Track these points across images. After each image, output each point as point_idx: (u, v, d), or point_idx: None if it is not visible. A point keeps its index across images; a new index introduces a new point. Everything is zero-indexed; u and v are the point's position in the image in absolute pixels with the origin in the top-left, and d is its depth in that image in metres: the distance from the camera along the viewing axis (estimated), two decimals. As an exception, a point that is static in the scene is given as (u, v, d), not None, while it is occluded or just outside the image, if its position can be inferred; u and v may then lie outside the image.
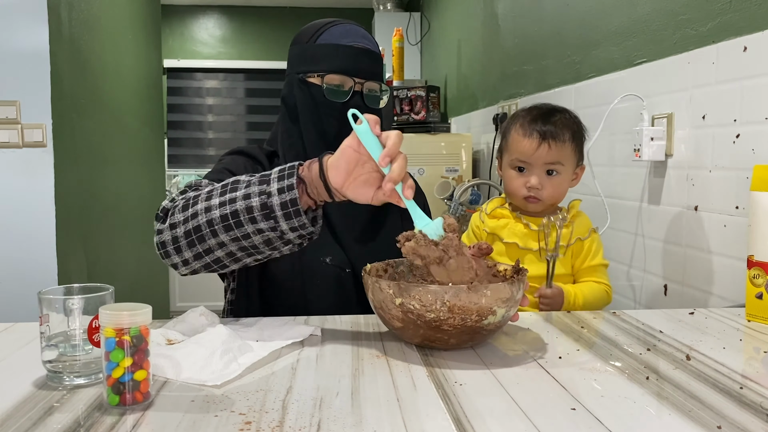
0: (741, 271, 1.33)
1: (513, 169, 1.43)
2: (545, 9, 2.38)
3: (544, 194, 1.40)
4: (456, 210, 2.63)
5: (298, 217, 0.95)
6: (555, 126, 1.39)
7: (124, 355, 0.71)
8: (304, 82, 1.26)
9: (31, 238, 2.27)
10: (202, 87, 5.87)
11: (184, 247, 1.01)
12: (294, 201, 0.94)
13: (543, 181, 1.39)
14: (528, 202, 1.42)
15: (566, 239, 1.40)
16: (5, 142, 2.25)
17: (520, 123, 1.42)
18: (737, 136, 1.34)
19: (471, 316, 0.86)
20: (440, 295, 0.85)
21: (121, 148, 3.29)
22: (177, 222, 1.01)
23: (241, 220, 0.96)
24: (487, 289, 0.87)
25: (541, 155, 1.38)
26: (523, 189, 1.40)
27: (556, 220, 1.36)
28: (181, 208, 1.02)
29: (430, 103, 3.25)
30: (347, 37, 1.27)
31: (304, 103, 1.26)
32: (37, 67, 2.25)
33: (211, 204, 0.99)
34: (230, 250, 1.00)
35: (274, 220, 0.95)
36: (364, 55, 1.26)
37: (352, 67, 1.24)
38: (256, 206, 0.95)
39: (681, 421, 0.69)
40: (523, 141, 1.40)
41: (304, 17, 5.82)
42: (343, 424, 0.67)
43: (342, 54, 1.24)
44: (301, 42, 1.30)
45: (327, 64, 1.24)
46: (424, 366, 0.86)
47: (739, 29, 1.34)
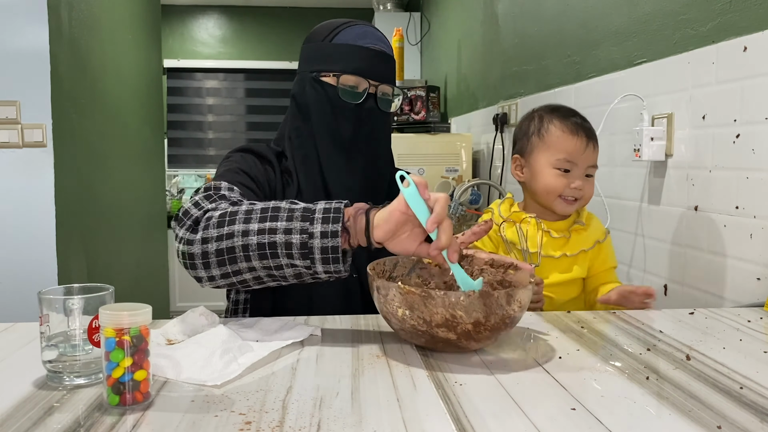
0: (741, 271, 1.33)
1: (556, 168, 1.36)
2: (545, 9, 2.38)
3: (585, 196, 1.36)
4: (456, 210, 2.63)
5: (336, 264, 0.96)
6: (590, 127, 1.36)
7: (124, 355, 0.71)
8: (318, 81, 1.25)
9: (31, 238, 2.27)
10: (202, 87, 5.87)
11: (214, 264, 1.00)
12: (335, 248, 0.95)
13: (583, 182, 1.36)
14: (564, 202, 1.36)
15: (585, 243, 1.38)
16: (5, 142, 2.25)
17: (558, 118, 1.37)
18: (737, 136, 1.34)
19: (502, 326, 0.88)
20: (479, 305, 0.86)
21: (121, 148, 3.29)
22: (210, 237, 0.99)
23: (277, 252, 0.96)
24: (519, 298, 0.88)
25: (588, 156, 1.35)
26: (567, 189, 1.35)
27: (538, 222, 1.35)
28: (217, 224, 1.00)
29: (430, 103, 3.25)
30: (364, 39, 1.26)
31: (317, 103, 1.25)
32: (37, 67, 2.25)
33: (250, 228, 0.98)
34: (259, 275, 1.00)
35: (311, 261, 0.96)
36: (380, 58, 1.25)
37: (367, 68, 1.23)
38: (296, 244, 0.95)
39: (681, 421, 0.69)
40: (571, 140, 1.34)
41: (304, 17, 5.83)
42: (343, 424, 0.67)
43: (359, 55, 1.23)
44: (316, 40, 1.28)
45: (343, 64, 1.23)
46: (424, 366, 0.86)
47: (739, 29, 1.34)
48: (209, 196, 1.09)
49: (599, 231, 1.41)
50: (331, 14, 6.12)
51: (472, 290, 0.89)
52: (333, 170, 1.25)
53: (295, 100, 1.29)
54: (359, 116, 1.24)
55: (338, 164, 1.25)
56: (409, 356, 0.90)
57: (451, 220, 0.94)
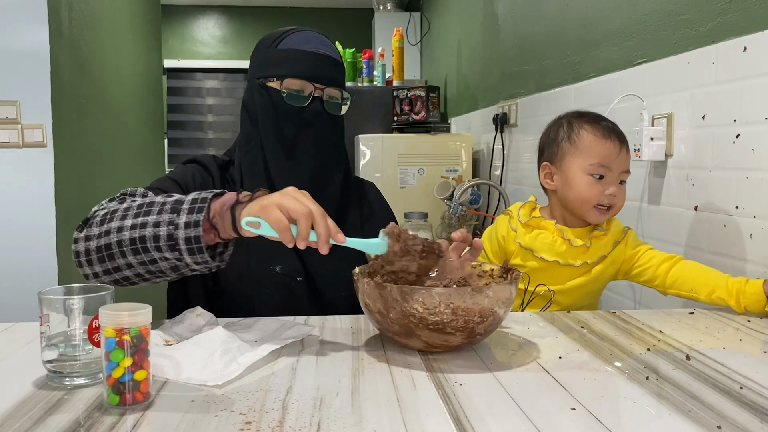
0: (741, 271, 1.33)
1: (589, 175, 1.32)
2: (545, 9, 2.38)
3: (618, 203, 1.33)
4: (456, 210, 2.63)
5: (201, 254, 0.96)
6: (621, 131, 1.33)
7: (124, 355, 0.71)
8: (264, 87, 1.25)
9: (31, 238, 2.27)
10: (202, 87, 5.87)
11: (95, 261, 1.02)
12: (198, 238, 0.95)
13: (617, 189, 1.32)
14: (598, 212, 1.32)
15: (605, 249, 1.34)
16: (5, 142, 2.25)
17: (590, 124, 1.33)
18: (737, 136, 1.34)
19: (474, 318, 0.86)
20: (444, 298, 0.85)
21: (121, 148, 3.29)
22: (92, 235, 1.02)
23: (147, 246, 0.98)
24: (490, 290, 0.87)
25: (622, 162, 1.32)
26: (602, 197, 1.31)
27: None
28: (99, 222, 1.03)
29: (430, 103, 3.25)
30: (308, 43, 1.26)
31: (264, 108, 1.26)
32: (37, 67, 2.25)
33: (124, 225, 1.00)
34: (138, 272, 1.02)
35: (179, 252, 0.97)
36: (324, 61, 1.25)
37: (312, 72, 1.23)
38: (162, 236, 0.97)
39: (681, 421, 0.69)
40: (604, 143, 1.31)
41: (304, 17, 5.83)
42: (343, 424, 0.67)
43: (302, 59, 1.24)
44: (263, 48, 1.29)
45: (287, 69, 1.24)
46: (424, 366, 0.86)
47: (739, 29, 1.35)
48: (113, 198, 1.10)
49: (618, 232, 1.37)
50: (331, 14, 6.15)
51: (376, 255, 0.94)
52: (280, 174, 1.24)
53: (245, 107, 1.30)
54: (305, 119, 1.24)
55: (285, 168, 1.25)
56: (409, 356, 0.90)
57: (322, 213, 0.92)
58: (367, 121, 3.45)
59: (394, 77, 4.00)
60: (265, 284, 1.20)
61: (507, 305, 0.90)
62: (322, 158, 1.27)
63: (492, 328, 0.91)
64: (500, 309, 0.89)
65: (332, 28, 5.78)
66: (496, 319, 0.90)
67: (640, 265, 1.35)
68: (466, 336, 0.89)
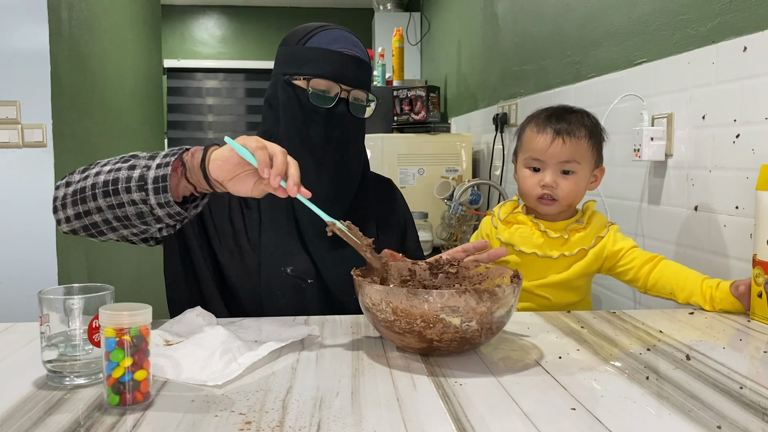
0: (741, 271, 1.33)
1: (527, 168, 1.37)
2: (545, 9, 2.38)
3: (560, 194, 1.33)
4: (456, 210, 2.63)
5: (165, 194, 0.97)
6: (569, 123, 1.34)
7: (124, 355, 0.71)
8: (289, 84, 1.23)
9: (31, 238, 2.27)
10: (202, 87, 5.87)
11: (69, 204, 1.04)
12: (164, 177, 0.97)
13: (558, 180, 1.33)
14: (541, 204, 1.35)
15: (585, 242, 1.35)
16: (5, 142, 2.25)
17: (535, 121, 1.37)
18: (737, 136, 1.34)
19: (416, 321, 0.84)
20: (384, 296, 0.86)
21: (121, 148, 3.28)
22: (72, 181, 1.05)
23: (118, 188, 0.99)
24: (430, 295, 0.83)
25: (555, 152, 1.32)
26: (537, 188, 1.34)
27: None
28: (82, 170, 1.06)
29: (430, 103, 3.25)
30: (337, 43, 1.24)
31: (288, 106, 1.24)
32: (37, 67, 2.25)
33: (102, 170, 1.03)
34: (106, 217, 1.03)
35: (145, 193, 0.98)
36: (352, 63, 1.23)
37: (339, 73, 1.22)
38: (134, 177, 0.99)
39: (681, 421, 0.69)
40: (537, 138, 1.34)
41: (304, 17, 5.82)
42: (343, 424, 0.67)
43: (330, 59, 1.22)
44: (290, 44, 1.27)
45: (314, 68, 1.22)
46: (424, 366, 0.86)
47: (739, 29, 1.35)
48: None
49: (600, 227, 1.38)
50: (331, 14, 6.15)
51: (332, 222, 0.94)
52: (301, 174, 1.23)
53: (268, 103, 1.29)
54: (330, 120, 1.23)
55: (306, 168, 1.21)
56: (409, 356, 0.90)
57: (294, 160, 0.94)
58: (367, 121, 3.45)
59: (394, 77, 4.00)
60: (275, 286, 1.19)
61: (462, 315, 0.84)
62: (343, 160, 1.26)
63: (455, 337, 0.85)
64: (451, 318, 0.83)
65: (332, 28, 5.79)
66: (450, 328, 0.84)
67: (623, 264, 1.35)
68: (419, 339, 0.86)
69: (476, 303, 0.84)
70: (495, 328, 0.89)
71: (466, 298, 0.83)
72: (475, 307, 0.84)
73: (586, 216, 1.38)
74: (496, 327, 0.89)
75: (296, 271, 1.19)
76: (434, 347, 0.87)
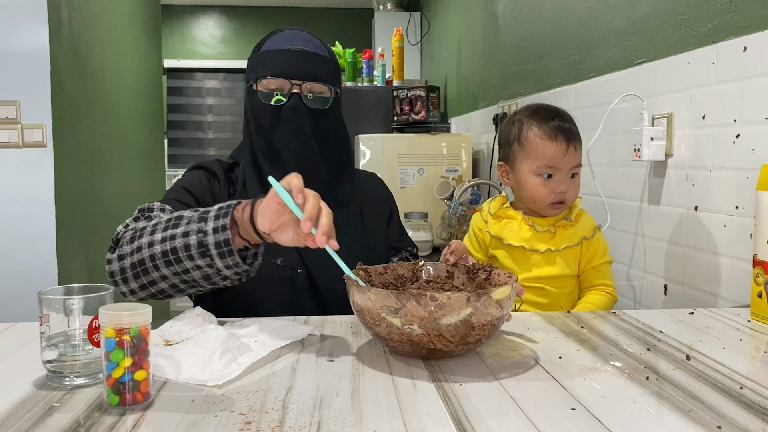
0: (741, 271, 1.33)
1: (538, 176, 1.37)
2: (545, 9, 2.38)
3: (569, 197, 1.37)
4: (456, 210, 2.63)
5: (232, 257, 0.99)
6: (571, 124, 1.37)
7: (124, 355, 0.71)
8: (249, 90, 1.30)
9: (31, 238, 2.27)
10: (202, 87, 5.87)
11: (131, 278, 1.06)
12: (227, 241, 0.98)
13: (567, 184, 1.37)
14: (552, 208, 1.38)
15: (571, 240, 1.38)
16: (5, 142, 2.25)
17: (536, 125, 1.36)
18: (737, 136, 1.34)
19: (365, 317, 0.87)
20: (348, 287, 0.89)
21: (121, 148, 3.29)
22: (125, 254, 1.06)
23: (180, 256, 1.01)
24: (371, 292, 0.84)
25: (569, 160, 1.35)
26: (552, 195, 1.36)
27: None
28: (129, 240, 1.07)
29: (430, 103, 3.25)
30: (286, 42, 1.29)
31: (250, 110, 1.30)
32: (37, 67, 2.25)
33: (154, 239, 1.04)
34: (173, 283, 1.05)
35: (210, 258, 1.00)
36: (302, 57, 1.26)
37: (287, 69, 1.25)
38: (193, 244, 1.00)
39: (681, 421, 0.69)
40: (550, 145, 1.35)
41: (304, 17, 5.83)
42: (343, 424, 0.67)
43: (279, 58, 1.26)
44: (253, 52, 1.33)
45: (264, 70, 1.27)
46: (424, 366, 0.86)
47: (739, 29, 1.34)
48: (137, 217, 1.15)
49: (587, 228, 1.40)
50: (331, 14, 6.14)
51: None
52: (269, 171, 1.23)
53: (244, 111, 1.34)
54: (283, 117, 1.26)
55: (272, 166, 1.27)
56: (409, 356, 0.90)
57: (329, 209, 0.94)
58: (367, 121, 3.46)
59: (394, 77, 4.00)
60: (266, 277, 1.21)
61: (402, 317, 0.82)
62: (305, 154, 1.28)
63: (402, 338, 0.84)
64: (390, 317, 0.83)
65: (332, 28, 5.78)
66: (393, 328, 0.83)
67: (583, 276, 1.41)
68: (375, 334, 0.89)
69: (414, 307, 0.82)
70: (449, 335, 0.83)
71: (404, 300, 0.82)
72: (413, 310, 0.82)
73: (574, 213, 1.41)
74: (450, 334, 0.83)
75: (285, 261, 1.23)
76: (390, 346, 0.88)
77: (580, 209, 1.43)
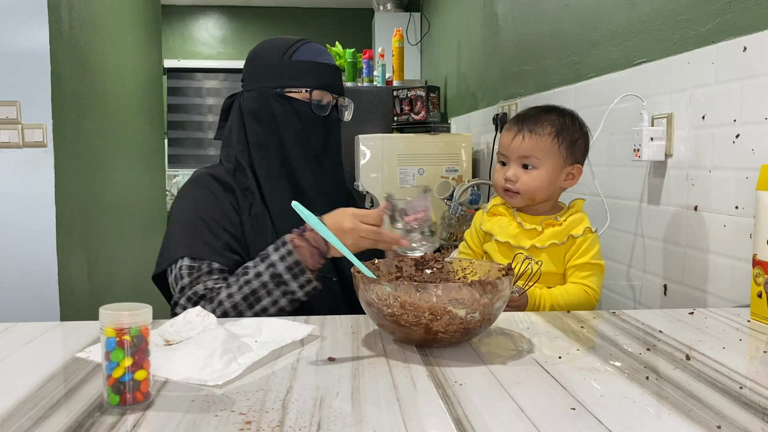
0: (741, 271, 1.33)
1: (498, 162, 1.45)
2: (545, 9, 2.38)
3: (520, 187, 1.39)
4: (456, 210, 2.63)
5: (304, 275, 1.16)
6: (536, 121, 1.39)
7: (124, 355, 0.71)
8: (283, 97, 1.34)
9: (31, 238, 2.27)
10: (202, 87, 5.87)
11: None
12: (297, 262, 1.16)
13: (518, 173, 1.39)
14: (506, 196, 1.42)
15: (558, 237, 1.38)
16: (5, 142, 2.25)
17: (511, 119, 1.45)
18: (737, 136, 1.35)
19: (424, 314, 0.88)
20: (392, 291, 0.89)
21: (121, 148, 3.29)
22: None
23: (259, 296, 1.17)
24: (439, 289, 0.87)
25: (515, 147, 1.39)
26: (501, 181, 1.41)
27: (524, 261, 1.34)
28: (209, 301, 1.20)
29: (430, 103, 3.25)
30: (321, 56, 1.38)
31: (287, 118, 1.34)
32: (37, 67, 2.25)
33: (236, 302, 1.18)
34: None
35: (285, 284, 1.16)
36: (337, 73, 1.39)
37: (332, 83, 1.37)
38: (267, 280, 1.16)
39: (681, 421, 0.69)
40: (505, 134, 1.43)
41: (304, 17, 5.83)
42: (343, 424, 0.67)
43: (324, 71, 1.36)
44: (271, 58, 1.37)
45: (312, 80, 1.34)
46: (424, 366, 0.86)
47: (739, 29, 1.35)
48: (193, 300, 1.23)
49: (578, 228, 1.38)
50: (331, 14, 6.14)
51: None
52: (306, 177, 1.35)
53: (255, 116, 1.37)
54: (327, 127, 1.37)
55: (314, 173, 1.36)
56: (409, 356, 0.90)
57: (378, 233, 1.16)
58: (367, 121, 3.46)
59: (394, 77, 4.00)
60: None
61: (467, 306, 0.88)
62: (338, 159, 1.43)
63: (459, 329, 0.89)
64: (457, 309, 0.88)
65: (332, 28, 5.78)
66: (456, 319, 0.88)
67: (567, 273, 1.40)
68: (425, 332, 0.90)
69: (480, 295, 0.88)
70: (493, 318, 0.94)
71: (471, 290, 0.88)
72: (479, 298, 0.88)
73: (567, 214, 1.41)
74: (494, 317, 0.94)
75: (322, 271, 1.27)
76: (438, 339, 0.91)
77: (580, 213, 1.41)
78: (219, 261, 1.26)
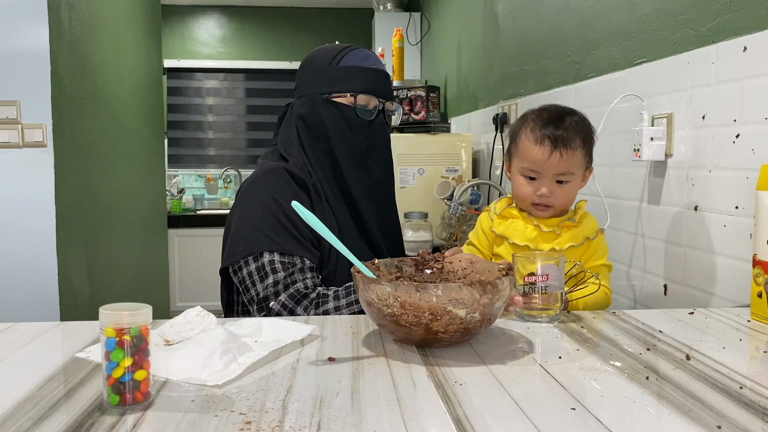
0: (741, 271, 1.33)
1: (522, 176, 1.38)
2: (545, 9, 2.38)
3: (555, 202, 1.37)
4: (456, 210, 2.63)
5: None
6: (566, 131, 1.35)
7: (124, 355, 0.71)
8: (330, 102, 1.36)
9: (31, 238, 2.27)
10: (202, 87, 5.86)
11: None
12: None
13: (553, 189, 1.36)
14: (536, 209, 1.38)
15: (575, 240, 1.38)
16: (5, 142, 2.25)
17: (531, 127, 1.37)
18: (737, 136, 1.35)
19: (424, 314, 0.88)
20: (392, 291, 0.89)
21: (121, 148, 3.28)
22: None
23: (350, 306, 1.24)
24: (438, 289, 0.88)
25: (552, 165, 1.34)
26: (533, 197, 1.36)
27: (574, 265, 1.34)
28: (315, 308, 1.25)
29: (430, 103, 3.25)
30: (368, 61, 1.40)
31: (334, 122, 1.36)
32: (37, 67, 2.25)
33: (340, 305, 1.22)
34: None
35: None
36: (384, 77, 1.40)
37: (377, 87, 1.38)
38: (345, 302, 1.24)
39: (681, 421, 0.69)
40: (534, 149, 1.35)
41: (304, 17, 5.82)
42: (343, 424, 0.67)
43: (370, 76, 1.37)
44: (319, 64, 1.39)
45: (357, 85, 1.36)
46: (424, 366, 0.86)
47: (739, 29, 1.35)
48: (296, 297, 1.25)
49: (591, 229, 1.40)
50: (331, 14, 6.14)
51: None
52: (354, 183, 1.37)
53: (305, 122, 1.38)
54: (373, 131, 1.39)
55: (359, 177, 1.38)
56: (409, 356, 0.90)
57: None
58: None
59: (394, 77, 4.00)
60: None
61: (467, 306, 0.88)
62: (388, 166, 1.45)
63: (459, 329, 0.90)
64: (457, 309, 0.88)
65: (332, 28, 5.78)
66: (456, 319, 0.89)
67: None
68: (425, 332, 0.90)
69: (480, 295, 0.89)
70: (493, 318, 0.95)
71: (471, 290, 0.88)
72: (479, 298, 0.89)
73: (578, 215, 1.41)
74: (494, 317, 0.95)
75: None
76: (438, 339, 0.91)
77: (584, 212, 1.42)
78: (308, 257, 1.28)
